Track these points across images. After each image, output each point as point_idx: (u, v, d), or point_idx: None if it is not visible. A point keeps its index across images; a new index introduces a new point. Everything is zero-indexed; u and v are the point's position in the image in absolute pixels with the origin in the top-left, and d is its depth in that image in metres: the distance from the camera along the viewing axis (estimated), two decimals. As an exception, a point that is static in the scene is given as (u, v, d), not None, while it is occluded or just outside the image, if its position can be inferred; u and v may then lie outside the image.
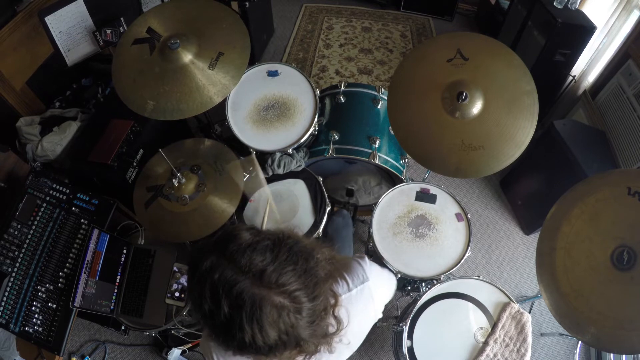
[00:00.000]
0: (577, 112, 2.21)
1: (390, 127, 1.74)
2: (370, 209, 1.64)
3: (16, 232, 1.47)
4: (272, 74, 1.78)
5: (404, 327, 1.31)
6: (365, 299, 0.82)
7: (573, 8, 2.17)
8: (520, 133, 1.27)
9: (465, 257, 1.44)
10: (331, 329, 0.72)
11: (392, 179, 1.86)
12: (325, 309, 0.71)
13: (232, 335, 0.63)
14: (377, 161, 1.63)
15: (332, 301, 0.73)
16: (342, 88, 1.82)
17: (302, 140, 1.64)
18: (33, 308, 1.42)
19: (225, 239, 0.67)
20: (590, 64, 2.21)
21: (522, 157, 1.30)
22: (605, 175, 1.24)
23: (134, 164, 1.79)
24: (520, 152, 1.27)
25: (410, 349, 1.28)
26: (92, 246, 1.44)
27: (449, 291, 1.36)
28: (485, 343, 1.27)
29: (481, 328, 1.30)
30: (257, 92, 1.74)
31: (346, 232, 1.61)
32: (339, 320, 0.74)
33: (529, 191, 2.22)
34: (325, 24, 3.48)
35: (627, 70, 1.89)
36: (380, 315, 0.89)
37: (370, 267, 0.85)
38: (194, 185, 1.42)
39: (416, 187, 1.59)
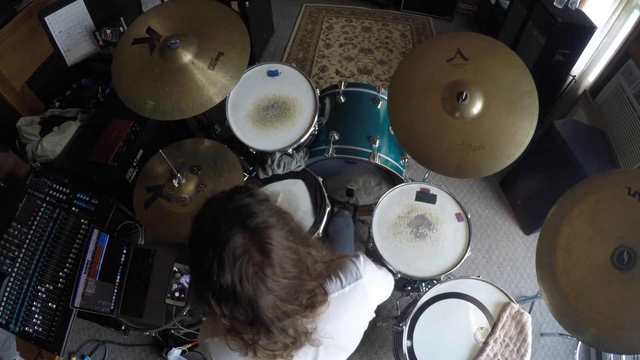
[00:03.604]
0: (577, 112, 2.21)
1: (390, 127, 1.74)
2: (370, 209, 1.64)
3: (16, 232, 1.47)
4: (272, 73, 1.78)
5: (404, 327, 1.31)
6: (358, 296, 0.82)
7: (573, 8, 2.17)
8: (520, 133, 1.27)
9: (465, 257, 1.44)
10: (303, 323, 0.72)
11: (392, 179, 1.86)
12: (311, 306, 0.73)
13: (197, 256, 0.67)
14: (377, 161, 1.63)
15: (322, 298, 0.75)
16: (342, 88, 1.82)
17: (302, 140, 1.64)
18: (33, 308, 1.42)
19: (242, 187, 0.73)
20: (590, 63, 2.20)
21: (522, 157, 1.30)
22: (605, 175, 1.24)
23: (134, 164, 1.79)
24: (520, 152, 1.27)
25: (410, 349, 1.28)
26: (92, 246, 1.44)
27: (449, 291, 1.36)
28: (485, 343, 1.27)
29: (481, 328, 1.30)
30: (257, 92, 1.74)
31: (347, 232, 1.61)
32: (315, 316, 0.74)
33: (529, 191, 2.22)
34: (325, 24, 3.48)
35: (627, 70, 1.89)
36: (374, 314, 0.89)
37: (364, 266, 0.85)
38: (194, 186, 1.42)
39: (416, 187, 1.59)
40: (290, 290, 0.68)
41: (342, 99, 1.80)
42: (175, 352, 1.73)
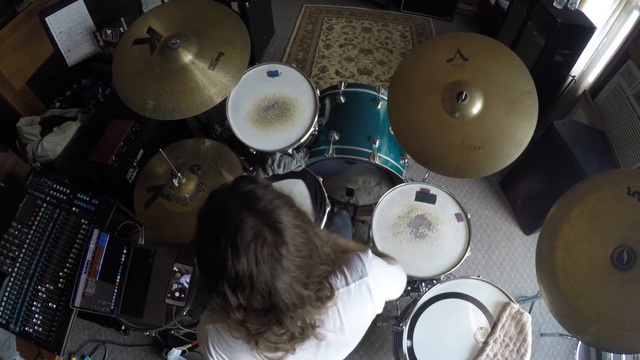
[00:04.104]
0: (577, 112, 2.21)
1: (390, 128, 1.75)
2: (370, 209, 1.64)
3: (16, 232, 1.47)
4: (272, 74, 1.78)
5: (404, 327, 1.31)
6: (363, 294, 0.82)
7: (573, 8, 2.18)
8: (520, 133, 1.27)
9: (465, 257, 1.44)
10: (313, 315, 0.72)
11: (392, 179, 1.86)
12: (320, 299, 0.72)
13: (207, 247, 0.67)
14: (377, 161, 1.63)
15: (328, 294, 0.75)
16: (342, 88, 1.83)
17: (302, 140, 1.64)
18: (33, 308, 1.42)
19: (243, 176, 0.74)
20: (590, 64, 2.21)
21: (522, 157, 1.31)
22: (605, 175, 1.24)
23: (134, 164, 1.79)
24: (520, 152, 1.27)
25: (410, 349, 1.28)
26: (92, 246, 1.44)
27: (449, 291, 1.36)
28: (485, 343, 1.27)
29: (481, 328, 1.30)
30: (257, 92, 1.74)
31: (345, 232, 1.61)
32: (323, 309, 0.74)
33: (529, 191, 2.22)
34: (325, 25, 3.48)
35: (627, 71, 1.89)
36: (380, 311, 0.88)
37: (371, 262, 0.84)
38: (194, 185, 1.42)
39: (416, 187, 1.59)
40: (303, 271, 0.69)
41: (342, 100, 1.80)
42: (175, 352, 1.73)
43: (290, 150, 1.64)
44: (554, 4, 2.18)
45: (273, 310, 0.67)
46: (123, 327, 1.57)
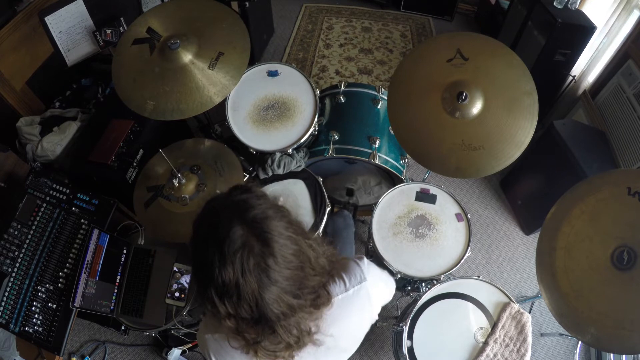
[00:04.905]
0: (577, 112, 2.21)
1: (390, 127, 1.74)
2: (370, 209, 1.64)
3: (16, 232, 1.47)
4: (272, 74, 1.78)
5: (404, 327, 1.31)
6: (362, 299, 0.82)
7: (573, 8, 2.18)
8: (520, 133, 1.27)
9: (465, 257, 1.44)
10: (307, 322, 0.72)
11: (392, 179, 1.86)
12: (315, 306, 0.72)
13: (198, 254, 0.67)
14: (377, 161, 1.63)
15: (325, 301, 0.74)
16: (342, 88, 1.82)
17: (302, 140, 1.64)
18: (33, 308, 1.42)
19: (239, 185, 0.74)
20: (590, 64, 2.21)
21: (522, 157, 1.30)
22: (605, 175, 1.24)
23: (134, 164, 1.79)
24: (520, 152, 1.27)
25: (410, 349, 1.28)
26: (92, 246, 1.44)
27: (449, 291, 1.36)
28: (485, 343, 1.27)
29: (481, 328, 1.30)
30: (257, 92, 1.74)
31: (347, 232, 1.61)
32: (319, 316, 0.74)
33: (529, 191, 2.22)
34: (325, 24, 3.48)
35: (627, 70, 1.89)
36: (377, 317, 0.88)
37: (368, 268, 0.85)
38: (194, 186, 1.42)
39: (416, 187, 1.59)
40: (294, 283, 0.67)
41: (342, 99, 1.80)
42: (175, 352, 1.73)
43: (290, 150, 1.64)
44: (554, 4, 2.18)
45: (263, 319, 0.67)
46: (123, 327, 1.57)
